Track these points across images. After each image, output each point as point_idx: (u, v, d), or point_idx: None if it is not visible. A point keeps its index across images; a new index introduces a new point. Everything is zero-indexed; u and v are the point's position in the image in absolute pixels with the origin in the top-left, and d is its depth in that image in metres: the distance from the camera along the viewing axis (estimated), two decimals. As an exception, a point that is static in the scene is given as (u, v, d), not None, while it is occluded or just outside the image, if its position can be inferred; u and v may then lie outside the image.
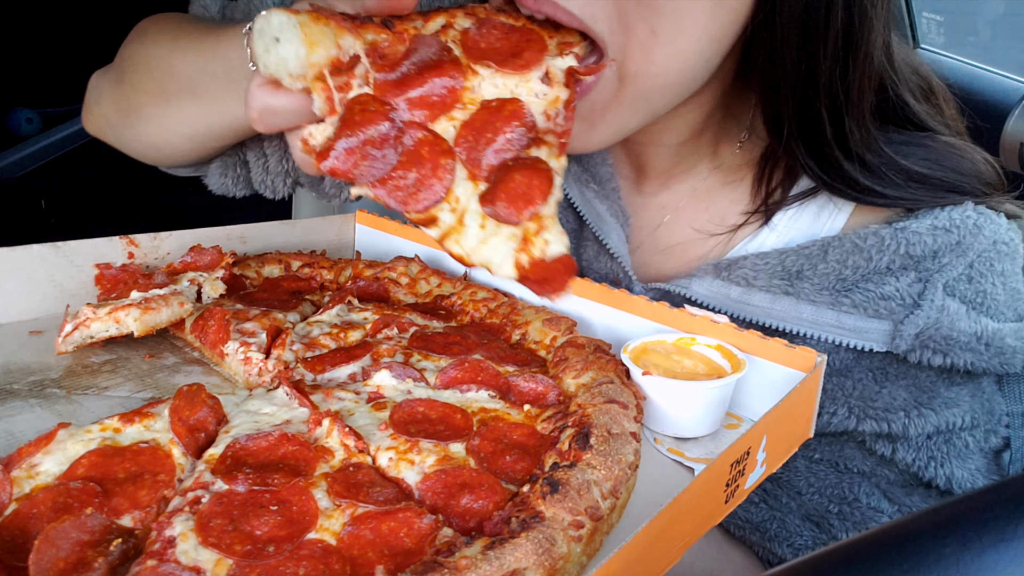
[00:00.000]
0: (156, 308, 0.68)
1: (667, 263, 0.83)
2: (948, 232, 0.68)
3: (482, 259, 0.57)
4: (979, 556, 0.29)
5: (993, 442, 0.72)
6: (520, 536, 0.44)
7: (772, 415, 0.53)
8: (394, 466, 0.52)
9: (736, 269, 0.74)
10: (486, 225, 0.57)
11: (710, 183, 0.82)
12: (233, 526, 0.45)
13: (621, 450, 0.53)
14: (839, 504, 0.74)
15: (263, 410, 0.57)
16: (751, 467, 0.54)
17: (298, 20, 0.55)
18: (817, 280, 0.71)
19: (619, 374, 0.63)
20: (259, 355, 0.65)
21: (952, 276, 0.68)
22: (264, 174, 0.95)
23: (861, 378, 0.71)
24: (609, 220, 0.80)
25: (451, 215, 0.57)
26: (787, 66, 0.66)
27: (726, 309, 0.74)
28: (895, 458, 0.72)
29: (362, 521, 0.47)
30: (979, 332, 0.67)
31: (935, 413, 0.69)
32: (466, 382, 0.63)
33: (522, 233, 0.57)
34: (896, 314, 0.68)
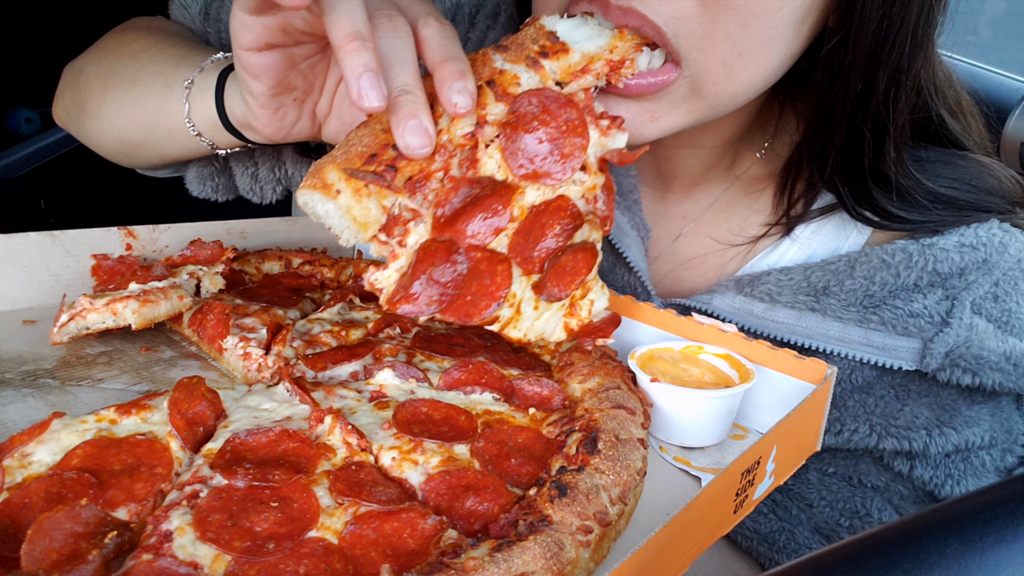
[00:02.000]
0: (154, 301, 0.67)
1: (686, 275, 0.82)
2: (975, 250, 0.68)
3: (536, 334, 0.63)
4: (980, 556, 0.28)
5: (1009, 461, 0.72)
6: (528, 539, 0.43)
7: (783, 425, 0.53)
8: (397, 466, 0.51)
9: (759, 284, 0.73)
10: (539, 306, 0.62)
11: (731, 194, 0.82)
12: (232, 522, 0.44)
13: (629, 456, 0.52)
14: (850, 518, 0.74)
15: (263, 406, 0.56)
16: (760, 477, 0.53)
17: (343, 207, 0.53)
18: (844, 296, 0.70)
19: (626, 380, 0.62)
20: (259, 351, 0.64)
21: (979, 294, 0.68)
22: (252, 182, 0.94)
23: (883, 395, 0.71)
24: (630, 232, 0.79)
25: (509, 309, 0.61)
26: (849, 90, 0.66)
27: (750, 326, 0.73)
28: (912, 475, 0.72)
29: (364, 520, 0.45)
30: (1007, 352, 0.67)
31: (956, 432, 0.69)
32: (470, 384, 0.62)
33: (569, 300, 0.62)
34: (925, 332, 0.68)
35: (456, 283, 0.58)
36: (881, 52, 0.64)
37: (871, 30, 0.63)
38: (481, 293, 0.59)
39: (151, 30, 0.90)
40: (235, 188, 0.95)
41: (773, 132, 0.80)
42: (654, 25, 0.60)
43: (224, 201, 0.96)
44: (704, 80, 0.63)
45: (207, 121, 0.75)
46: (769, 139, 0.80)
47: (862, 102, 0.67)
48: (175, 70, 0.78)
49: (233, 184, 0.94)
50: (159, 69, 0.80)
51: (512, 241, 0.60)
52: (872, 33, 0.63)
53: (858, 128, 0.67)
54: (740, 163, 0.81)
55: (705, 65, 0.62)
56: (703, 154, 0.80)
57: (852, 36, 0.63)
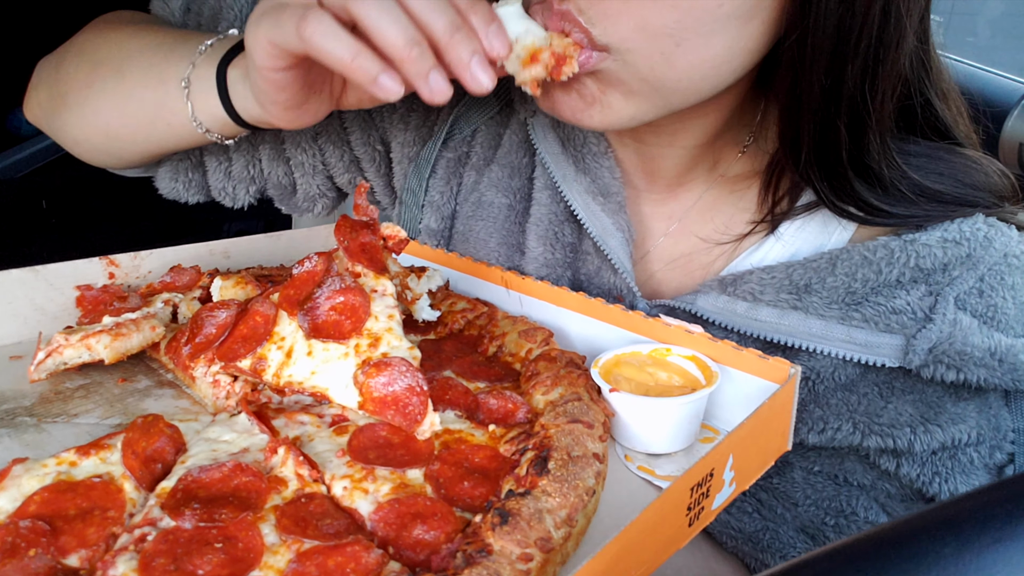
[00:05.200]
0: (126, 334, 0.68)
1: (671, 275, 0.82)
2: (958, 245, 0.67)
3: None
4: (978, 556, 0.28)
5: (998, 458, 0.70)
6: (463, 572, 0.43)
7: (738, 433, 0.51)
8: (348, 496, 0.51)
9: (742, 284, 0.72)
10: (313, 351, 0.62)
11: (716, 192, 0.80)
12: (175, 566, 0.44)
13: (580, 474, 0.51)
14: (836, 517, 0.72)
15: (223, 437, 0.57)
16: (717, 488, 0.52)
17: None
18: (826, 294, 0.69)
19: (589, 390, 0.61)
20: (227, 378, 0.64)
21: (963, 290, 0.66)
22: (225, 180, 0.94)
23: (867, 393, 0.69)
24: (615, 234, 0.79)
25: (279, 352, 0.62)
26: (813, 86, 0.64)
27: (732, 325, 0.73)
28: (899, 473, 0.70)
29: (308, 557, 0.46)
30: (992, 347, 0.65)
31: (941, 429, 0.68)
32: (433, 402, 0.61)
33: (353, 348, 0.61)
34: (908, 328, 0.66)
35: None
36: (845, 48, 0.62)
37: (831, 25, 0.61)
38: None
39: (132, 21, 0.90)
40: (207, 187, 0.95)
41: (755, 129, 0.79)
42: (589, 34, 0.61)
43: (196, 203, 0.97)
44: (640, 64, 0.63)
45: (215, 119, 0.76)
46: (751, 136, 0.79)
47: (832, 97, 0.65)
48: (166, 62, 0.78)
49: (205, 182, 0.94)
50: (149, 61, 0.79)
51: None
52: (833, 29, 0.61)
53: (832, 123, 0.66)
54: (723, 161, 0.80)
55: (639, 55, 0.62)
56: (684, 154, 0.79)
57: (810, 34, 0.61)
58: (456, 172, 0.89)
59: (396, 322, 0.62)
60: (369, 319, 0.62)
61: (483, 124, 0.89)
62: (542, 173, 0.83)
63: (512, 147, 0.86)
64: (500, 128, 0.88)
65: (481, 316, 0.77)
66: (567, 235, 0.83)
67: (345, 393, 0.58)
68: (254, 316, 0.64)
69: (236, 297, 0.71)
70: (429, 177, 0.90)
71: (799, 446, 0.73)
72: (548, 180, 0.82)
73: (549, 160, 0.82)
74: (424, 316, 0.73)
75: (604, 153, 0.80)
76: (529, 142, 0.85)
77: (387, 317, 0.62)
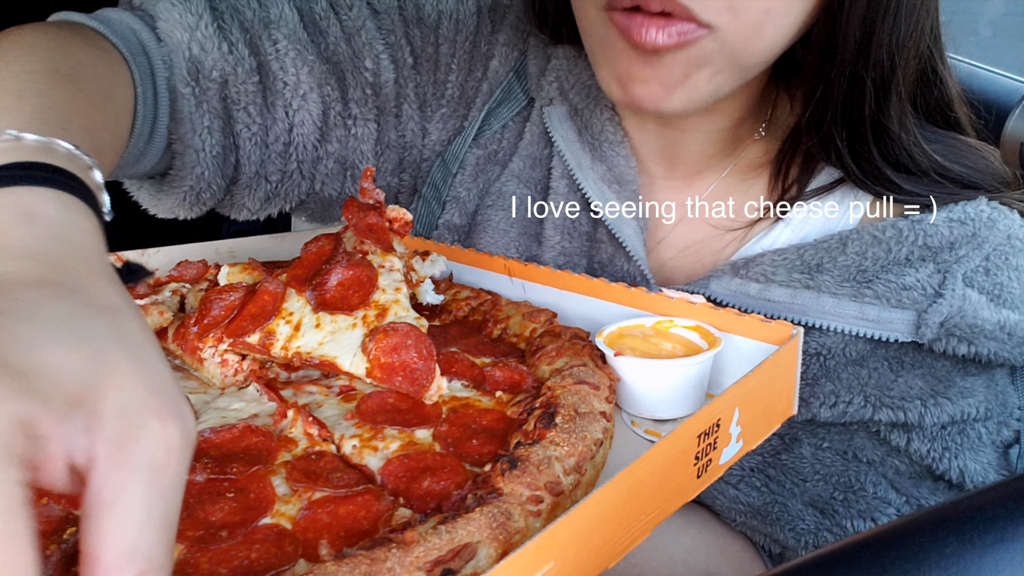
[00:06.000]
0: (135, 316, 0.69)
1: (683, 262, 0.83)
2: (963, 224, 0.68)
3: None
4: (980, 556, 0.29)
5: (1005, 435, 0.71)
6: (475, 511, 0.43)
7: (742, 386, 0.52)
8: (358, 453, 0.52)
9: (754, 266, 0.74)
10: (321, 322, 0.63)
11: (729, 179, 0.82)
12: (187, 513, 0.45)
13: (587, 428, 0.52)
14: (844, 492, 0.73)
15: (232, 406, 0.57)
16: (724, 441, 0.52)
17: None
18: (837, 272, 0.70)
19: (593, 358, 0.62)
20: (235, 356, 0.65)
21: (970, 267, 0.68)
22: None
23: (877, 367, 0.70)
24: (629, 222, 0.80)
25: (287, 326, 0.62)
26: (850, 37, 0.66)
27: (746, 306, 0.74)
28: (910, 448, 0.71)
29: (319, 505, 0.46)
30: (1001, 322, 0.66)
31: (951, 402, 0.68)
32: (441, 374, 0.62)
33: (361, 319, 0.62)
34: (919, 303, 0.68)
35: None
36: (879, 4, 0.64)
37: None
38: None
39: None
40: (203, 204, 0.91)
41: (770, 116, 0.81)
42: (684, 10, 0.62)
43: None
44: (733, 39, 0.64)
45: None
46: (766, 122, 0.80)
47: (863, 48, 0.66)
48: None
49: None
50: None
51: None
52: None
53: (859, 77, 0.67)
54: (739, 149, 0.82)
55: (734, 28, 0.63)
56: (708, 138, 0.80)
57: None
58: (485, 169, 0.89)
59: (403, 295, 0.63)
60: (376, 291, 0.62)
61: (511, 120, 0.89)
62: (559, 162, 0.83)
63: (533, 138, 0.86)
64: (524, 122, 0.89)
65: (485, 303, 0.78)
66: (583, 224, 0.83)
67: (353, 361, 0.59)
68: (262, 295, 0.65)
69: (244, 281, 0.72)
70: (456, 173, 0.89)
71: (810, 422, 0.73)
72: (564, 169, 0.83)
73: (564, 149, 0.82)
74: (428, 299, 0.74)
75: (620, 142, 0.81)
76: (547, 134, 0.86)
77: (394, 290, 0.63)
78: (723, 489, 0.75)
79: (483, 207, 0.89)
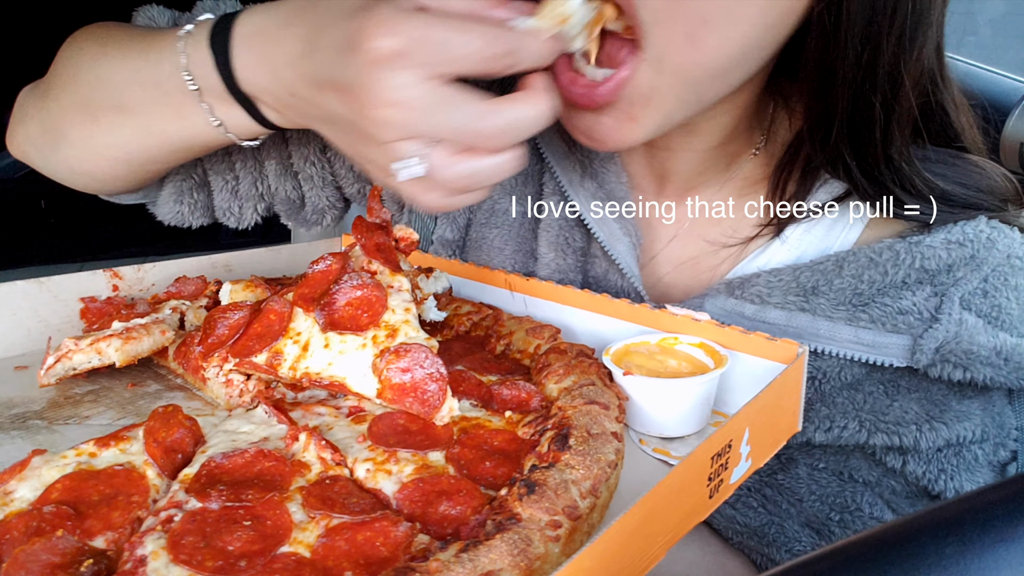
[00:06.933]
0: (137, 338, 0.68)
1: (679, 278, 0.82)
2: (962, 246, 0.68)
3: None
4: (979, 556, 0.28)
5: (1002, 455, 0.71)
6: (495, 538, 0.43)
7: (752, 406, 0.53)
8: (371, 477, 0.51)
9: (749, 287, 0.73)
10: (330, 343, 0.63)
11: (724, 196, 0.81)
12: (205, 543, 0.44)
13: (601, 449, 0.52)
14: (841, 512, 0.73)
15: (241, 429, 0.57)
16: (735, 461, 0.53)
17: None
18: (833, 295, 0.70)
19: (601, 376, 0.62)
20: (240, 376, 0.65)
21: (967, 290, 0.67)
22: (231, 199, 0.91)
23: (872, 391, 0.70)
24: (622, 239, 0.80)
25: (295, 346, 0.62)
26: (849, 55, 0.63)
27: (741, 327, 0.73)
28: (905, 470, 0.71)
29: (337, 532, 0.46)
30: (998, 347, 0.66)
31: (947, 426, 0.68)
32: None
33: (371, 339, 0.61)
34: (915, 328, 0.67)
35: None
36: (881, 18, 0.62)
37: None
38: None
39: (106, 41, 0.79)
40: (212, 208, 0.92)
41: (767, 131, 0.80)
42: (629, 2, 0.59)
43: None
44: (668, 54, 0.61)
45: (243, 128, 0.72)
46: (763, 140, 0.80)
47: (870, 70, 0.64)
48: (166, 93, 0.71)
49: (211, 203, 0.92)
50: (149, 96, 0.72)
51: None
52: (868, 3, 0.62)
53: (866, 98, 0.66)
54: (735, 165, 0.81)
55: (666, 37, 0.61)
56: (697, 157, 0.79)
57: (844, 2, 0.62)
58: None
59: (413, 315, 0.63)
60: (386, 312, 0.62)
61: None
62: (550, 178, 0.83)
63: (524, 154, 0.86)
64: None
65: (487, 317, 0.78)
66: (576, 240, 0.83)
67: (363, 381, 0.59)
68: (268, 314, 0.65)
69: (247, 300, 0.71)
70: None
71: (805, 444, 0.73)
72: (556, 185, 0.83)
73: (555, 165, 0.82)
74: (431, 316, 0.74)
75: (611, 158, 0.81)
76: (538, 149, 0.86)
77: (404, 310, 0.63)
78: (721, 509, 0.75)
79: (477, 224, 0.89)
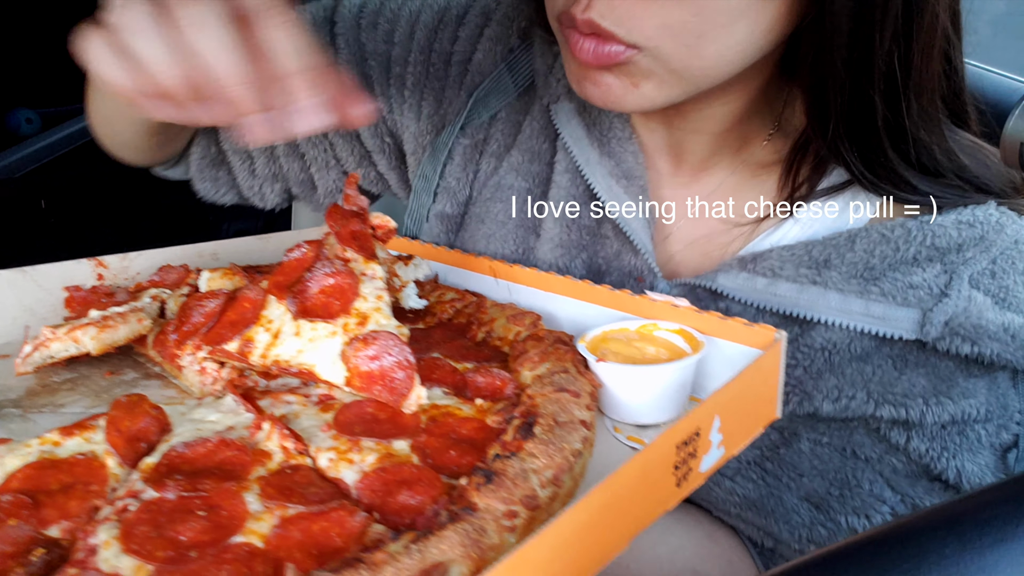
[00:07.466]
0: (113, 326, 0.68)
1: (690, 257, 0.82)
2: (972, 227, 0.68)
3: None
4: (980, 556, 0.29)
5: (1004, 438, 0.70)
6: (448, 528, 0.42)
7: (723, 394, 0.51)
8: (334, 466, 0.51)
9: (762, 261, 0.74)
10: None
11: (739, 176, 0.81)
12: (157, 532, 0.44)
13: (567, 438, 0.51)
14: (840, 488, 0.73)
15: (208, 418, 0.56)
16: (704, 449, 0.51)
17: None
18: (845, 269, 0.70)
19: (576, 363, 0.61)
20: (214, 364, 0.64)
21: (976, 270, 0.68)
22: (250, 178, 0.95)
23: (881, 364, 0.70)
24: (637, 216, 0.80)
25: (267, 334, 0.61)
26: (837, 63, 0.65)
27: (752, 300, 0.74)
28: (908, 447, 0.71)
29: (292, 522, 0.45)
30: (1006, 324, 0.66)
31: (952, 402, 0.68)
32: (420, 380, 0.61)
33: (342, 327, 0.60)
34: (924, 303, 0.68)
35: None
36: (870, 19, 0.62)
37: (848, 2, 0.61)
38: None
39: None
40: (237, 186, 0.97)
41: (780, 116, 0.79)
42: (613, 35, 0.63)
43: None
44: (669, 58, 0.64)
45: None
46: (777, 124, 0.79)
47: (862, 69, 0.65)
48: None
49: (234, 181, 0.96)
50: None
51: None
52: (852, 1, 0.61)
53: (863, 94, 0.66)
54: (748, 148, 0.81)
55: (665, 48, 0.64)
56: (710, 139, 0.80)
57: (827, 11, 0.62)
58: (473, 159, 0.89)
59: (385, 303, 0.62)
60: (358, 299, 0.61)
61: (502, 111, 0.89)
62: (563, 157, 0.84)
63: (533, 133, 0.87)
64: (519, 115, 0.89)
65: (470, 305, 0.77)
66: (585, 217, 0.84)
67: (332, 369, 0.58)
68: (242, 302, 0.64)
69: (224, 288, 0.71)
70: (446, 163, 0.89)
71: (811, 417, 0.73)
72: (570, 164, 0.83)
73: (572, 144, 0.83)
74: (411, 304, 0.73)
75: (628, 138, 0.82)
76: (550, 128, 0.86)
77: (376, 298, 0.62)
78: (719, 481, 0.75)
79: (481, 200, 0.89)
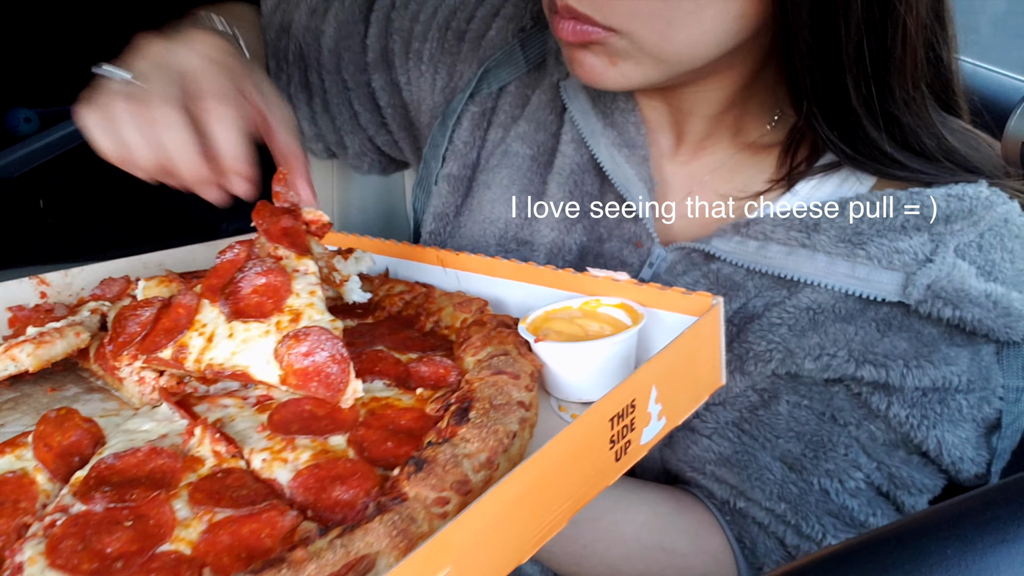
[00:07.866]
0: (50, 341, 0.67)
1: (688, 228, 0.84)
2: (961, 200, 0.69)
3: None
4: (981, 557, 0.29)
5: (986, 411, 0.71)
6: (375, 520, 0.42)
7: (656, 364, 0.51)
8: (267, 467, 0.50)
9: (755, 225, 0.76)
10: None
11: (739, 157, 0.83)
12: (83, 546, 0.43)
13: (502, 420, 0.50)
14: (815, 450, 0.74)
15: (142, 428, 0.55)
16: (643, 421, 0.51)
17: None
18: (834, 232, 0.72)
19: (518, 345, 0.60)
20: (152, 373, 0.63)
21: (963, 241, 0.68)
22: (303, 137, 1.01)
23: (864, 326, 0.71)
24: (637, 184, 0.82)
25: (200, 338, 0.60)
26: (803, 48, 0.67)
27: (743, 262, 0.76)
28: (889, 413, 0.71)
29: (221, 526, 0.44)
30: (988, 291, 0.67)
31: (933, 366, 0.69)
32: (361, 374, 0.60)
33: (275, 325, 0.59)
34: (909, 267, 0.69)
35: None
36: (831, 7, 0.65)
37: None
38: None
39: None
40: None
41: (782, 100, 0.81)
42: (587, 16, 0.67)
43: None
44: (643, 42, 0.68)
45: None
46: (779, 111, 0.81)
47: (832, 55, 0.67)
48: None
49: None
50: None
51: None
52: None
53: (836, 77, 0.68)
54: (747, 131, 0.83)
55: (638, 33, 0.67)
56: (705, 121, 0.82)
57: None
58: (481, 125, 0.93)
59: (318, 298, 0.61)
60: (290, 296, 0.61)
61: (512, 84, 0.93)
62: (570, 129, 0.87)
63: (540, 105, 0.90)
64: (528, 90, 0.92)
65: (419, 296, 0.76)
66: (588, 184, 0.86)
67: (266, 369, 0.57)
68: (176, 308, 0.63)
69: (161, 295, 0.70)
70: (454, 128, 0.93)
71: (793, 377, 0.74)
72: (575, 134, 0.86)
73: (578, 116, 0.85)
74: (355, 298, 0.72)
75: (632, 110, 0.85)
76: (557, 102, 0.89)
77: (308, 293, 0.61)
78: (695, 440, 0.76)
79: (488, 167, 0.92)
